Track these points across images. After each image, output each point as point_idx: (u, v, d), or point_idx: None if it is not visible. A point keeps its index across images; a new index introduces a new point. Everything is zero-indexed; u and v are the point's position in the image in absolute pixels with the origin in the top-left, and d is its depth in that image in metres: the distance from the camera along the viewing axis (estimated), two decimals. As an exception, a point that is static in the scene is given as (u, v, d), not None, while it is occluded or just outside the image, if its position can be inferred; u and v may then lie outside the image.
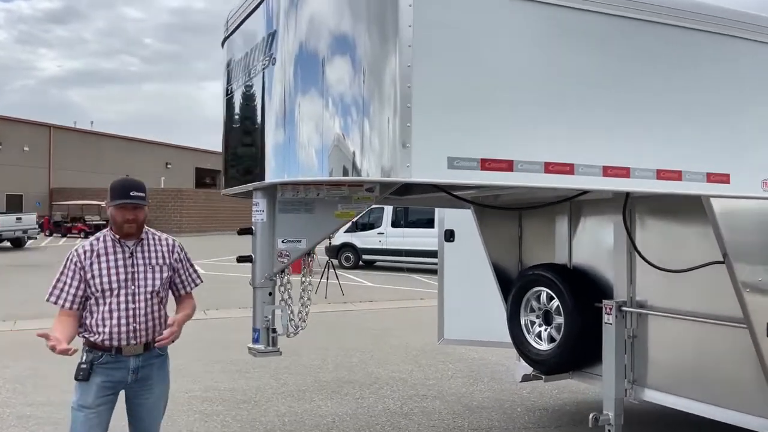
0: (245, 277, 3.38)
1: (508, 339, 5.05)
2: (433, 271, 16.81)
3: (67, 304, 2.89)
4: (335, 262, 17.17)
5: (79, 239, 32.48)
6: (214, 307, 10.68)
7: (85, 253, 2.95)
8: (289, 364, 6.98)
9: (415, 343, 8.17)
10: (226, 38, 3.39)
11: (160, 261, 3.03)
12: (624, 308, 4.07)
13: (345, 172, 2.52)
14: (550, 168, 2.66)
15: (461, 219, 5.28)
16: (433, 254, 17.20)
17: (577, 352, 4.31)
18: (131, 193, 2.92)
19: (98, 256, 2.93)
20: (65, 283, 2.91)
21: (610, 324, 4.08)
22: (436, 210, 5.62)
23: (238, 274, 14.68)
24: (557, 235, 4.71)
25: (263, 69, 2.74)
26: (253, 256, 2.97)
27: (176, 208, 36.42)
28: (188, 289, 3.16)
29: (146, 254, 3.00)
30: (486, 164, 2.54)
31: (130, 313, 2.90)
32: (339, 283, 13.11)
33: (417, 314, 10.64)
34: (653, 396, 4.05)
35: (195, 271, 3.21)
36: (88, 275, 2.90)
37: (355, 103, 2.49)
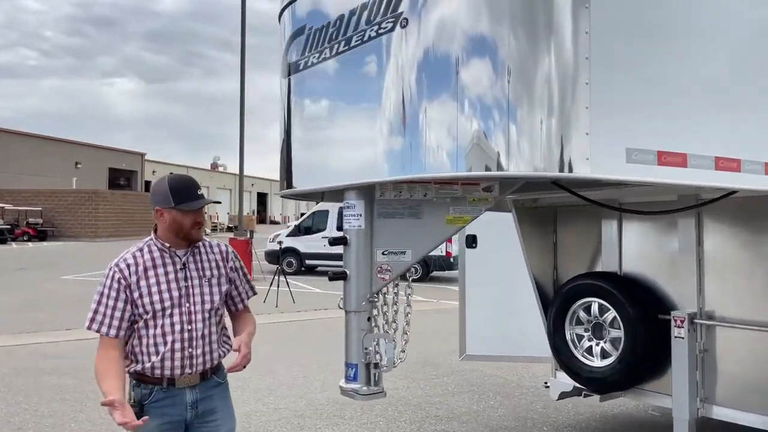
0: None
1: (541, 354, 4.65)
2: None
3: (113, 331, 2.30)
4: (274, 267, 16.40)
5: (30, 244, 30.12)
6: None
7: (128, 267, 2.34)
8: (269, 384, 6.30)
9: (399, 355, 7.66)
10: (289, 3, 2.74)
11: (215, 272, 2.46)
12: (696, 320, 3.75)
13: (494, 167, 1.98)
14: (719, 164, 2.24)
15: (485, 223, 4.83)
16: (380, 258, 17.08)
17: (639, 369, 3.96)
18: (200, 192, 2.39)
19: (145, 270, 2.35)
20: (108, 306, 2.30)
21: (682, 338, 3.74)
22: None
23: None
24: (605, 241, 4.34)
25: (381, 34, 2.15)
26: (348, 272, 2.36)
27: (90, 211, 33.89)
28: (246, 302, 2.59)
29: (200, 265, 2.43)
30: (663, 158, 2.08)
31: (185, 335, 2.35)
32: (290, 291, 12.46)
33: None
34: (726, 414, 3.75)
35: (248, 280, 2.62)
36: (135, 294, 2.32)
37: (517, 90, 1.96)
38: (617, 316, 4.01)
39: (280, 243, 15.73)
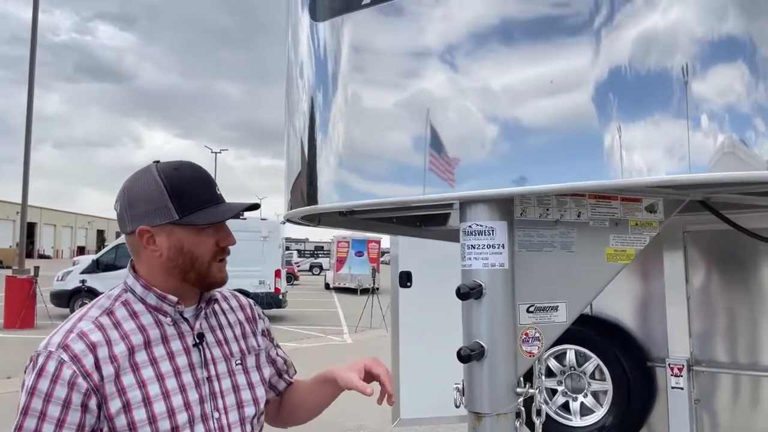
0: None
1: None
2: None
3: None
4: (66, 311, 13.67)
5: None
6: None
7: (91, 350, 1.17)
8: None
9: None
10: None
11: (244, 344, 1.39)
12: (695, 368, 3.34)
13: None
14: None
15: (420, 257, 4.05)
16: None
17: (630, 426, 3.43)
18: (219, 192, 1.34)
19: (130, 353, 1.20)
20: None
21: (681, 388, 3.29)
22: (391, 245, 4.24)
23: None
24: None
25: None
26: (482, 345, 1.38)
27: None
28: (291, 373, 1.58)
29: (220, 333, 1.36)
30: None
31: None
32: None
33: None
34: (722, 470, 3.37)
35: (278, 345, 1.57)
36: (113, 405, 1.16)
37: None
38: (602, 365, 3.47)
39: (83, 281, 13.12)
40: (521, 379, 1.43)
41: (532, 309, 1.43)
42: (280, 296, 15.08)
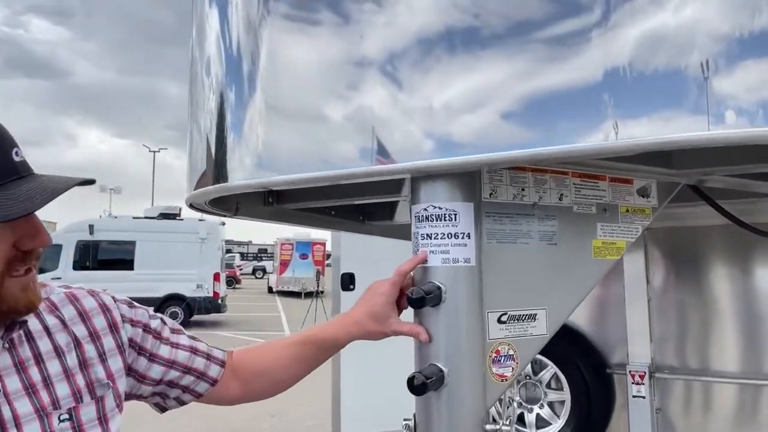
0: None
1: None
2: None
3: None
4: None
5: None
6: None
7: None
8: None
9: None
10: None
11: (84, 378, 0.95)
12: (657, 375, 3.11)
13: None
14: None
15: (365, 257, 3.70)
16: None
17: (591, 438, 3.18)
18: (19, 158, 0.86)
19: None
20: None
21: (643, 397, 3.06)
22: (332, 245, 3.87)
23: None
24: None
25: None
26: (440, 369, 1.04)
27: None
28: (218, 355, 1.20)
29: (33, 373, 0.90)
30: None
31: None
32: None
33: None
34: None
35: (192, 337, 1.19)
36: None
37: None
38: (559, 373, 3.21)
39: None
40: (491, 409, 1.10)
41: (504, 318, 1.10)
42: (219, 301, 14.43)
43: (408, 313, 1.17)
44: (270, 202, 1.79)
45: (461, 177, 1.07)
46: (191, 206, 1.43)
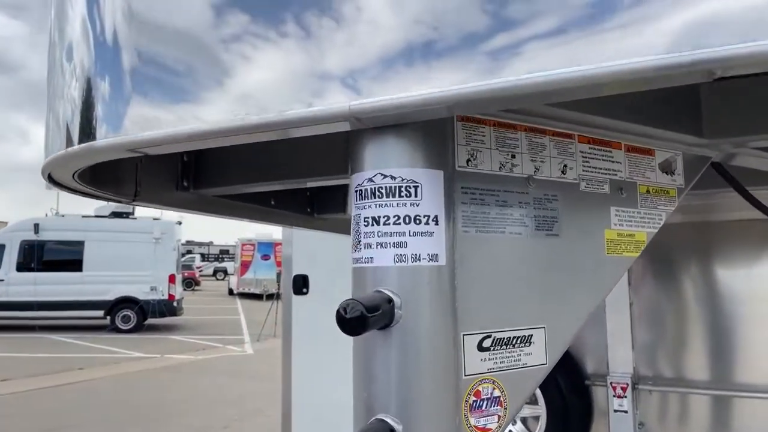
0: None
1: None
2: (79, 328, 13.22)
3: None
4: None
5: None
6: None
7: None
8: None
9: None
10: None
11: None
12: (640, 386, 2.83)
13: None
14: None
15: (320, 257, 3.34)
16: (78, 306, 13.54)
17: (567, 458, 2.87)
18: None
19: None
20: None
21: (625, 411, 2.77)
22: (283, 243, 3.47)
23: None
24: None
25: None
26: (391, 427, 0.68)
27: None
28: None
29: None
30: None
31: None
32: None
33: (109, 392, 7.64)
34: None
35: None
36: None
37: None
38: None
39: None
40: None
41: (487, 343, 0.75)
42: (175, 303, 13.82)
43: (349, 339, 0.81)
44: (185, 186, 1.41)
45: (425, 130, 0.71)
46: (52, 181, 1.04)
